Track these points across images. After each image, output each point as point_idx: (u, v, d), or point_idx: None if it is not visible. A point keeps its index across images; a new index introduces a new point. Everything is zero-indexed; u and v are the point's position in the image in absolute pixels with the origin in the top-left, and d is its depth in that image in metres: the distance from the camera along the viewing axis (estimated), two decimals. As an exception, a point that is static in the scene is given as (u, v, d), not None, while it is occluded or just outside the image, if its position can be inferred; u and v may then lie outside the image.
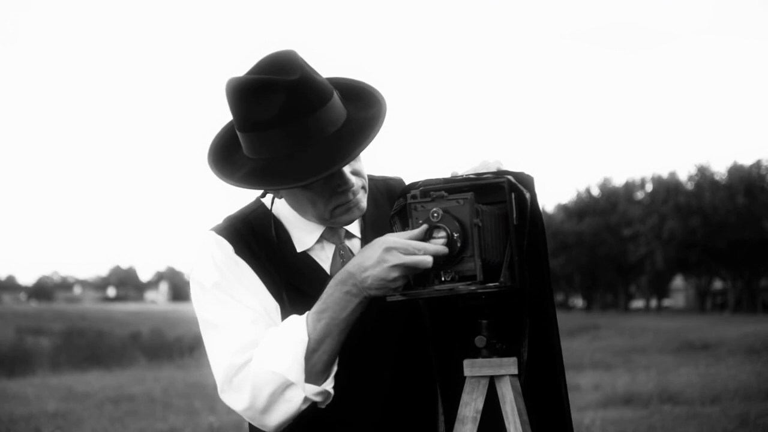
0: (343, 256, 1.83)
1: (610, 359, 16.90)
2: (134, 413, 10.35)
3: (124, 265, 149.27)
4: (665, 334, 25.06)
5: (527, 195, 1.68)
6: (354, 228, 1.87)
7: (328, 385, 1.68)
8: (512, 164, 1.71)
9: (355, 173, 1.76)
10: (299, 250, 1.82)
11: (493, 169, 1.71)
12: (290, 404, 1.65)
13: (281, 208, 1.84)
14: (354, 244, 1.87)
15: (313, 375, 1.65)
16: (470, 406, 1.69)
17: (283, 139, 1.67)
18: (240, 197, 1.91)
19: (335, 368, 1.70)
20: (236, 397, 1.70)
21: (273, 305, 1.77)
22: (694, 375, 12.77)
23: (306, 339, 1.64)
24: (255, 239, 1.80)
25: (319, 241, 1.83)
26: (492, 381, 1.69)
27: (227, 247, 1.78)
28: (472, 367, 1.69)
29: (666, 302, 66.53)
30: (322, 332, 1.64)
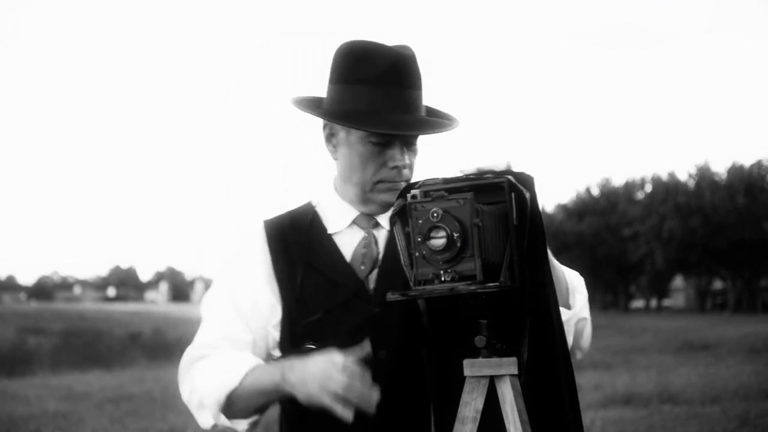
0: (366, 246, 1.91)
1: (610, 359, 16.90)
2: (134, 413, 10.35)
3: (124, 265, 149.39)
4: (665, 334, 25.07)
5: (527, 195, 1.68)
6: (385, 220, 1.92)
7: (240, 426, 1.83)
8: (512, 164, 1.71)
9: (410, 166, 1.87)
10: (329, 231, 1.93)
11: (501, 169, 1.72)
12: (204, 421, 1.82)
13: (326, 195, 1.99)
14: (381, 234, 1.93)
15: (231, 412, 1.80)
16: (470, 406, 1.69)
17: (376, 96, 1.82)
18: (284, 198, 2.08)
19: (255, 418, 1.84)
20: (182, 387, 1.88)
21: (266, 302, 1.89)
22: (694, 375, 12.77)
23: (235, 384, 1.77)
24: (291, 225, 1.95)
25: (350, 225, 1.93)
26: (492, 381, 1.69)
27: (255, 236, 1.95)
28: (472, 367, 1.69)
29: (666, 302, 66.55)
30: (248, 389, 1.77)
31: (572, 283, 1.93)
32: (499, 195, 1.67)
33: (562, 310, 1.83)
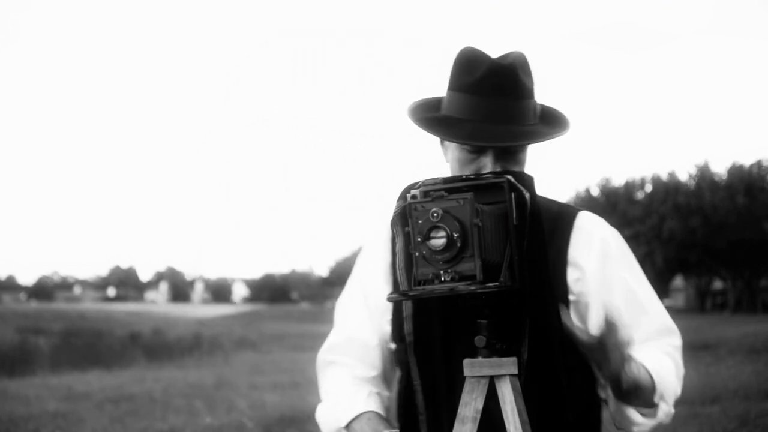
0: None
1: (610, 359, 16.85)
2: (134, 413, 10.35)
3: (124, 265, 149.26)
4: (665, 334, 25.00)
5: (527, 195, 1.68)
6: None
7: None
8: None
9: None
10: None
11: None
12: None
13: None
14: None
15: None
16: (470, 406, 1.69)
17: (470, 104, 1.85)
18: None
19: None
20: (319, 389, 2.10)
21: (381, 288, 1.99)
22: (694, 375, 12.76)
23: (341, 426, 1.94)
24: None
25: None
26: (492, 381, 1.69)
27: (381, 234, 2.04)
28: (472, 367, 1.70)
29: (666, 302, 66.36)
30: None
31: (661, 384, 1.86)
32: (499, 195, 1.67)
33: (634, 413, 1.84)
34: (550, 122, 1.91)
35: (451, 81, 1.90)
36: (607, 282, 1.89)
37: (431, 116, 1.91)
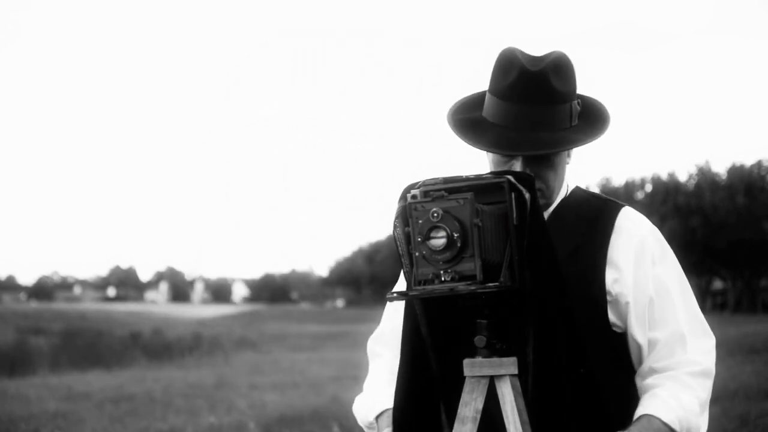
0: None
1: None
2: (134, 413, 10.35)
3: (124, 265, 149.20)
4: (665, 334, 24.99)
5: (527, 195, 1.67)
6: None
7: None
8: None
9: (537, 176, 1.84)
10: None
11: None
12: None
13: None
14: None
15: None
16: (470, 406, 1.69)
17: (497, 109, 1.88)
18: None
19: None
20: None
21: None
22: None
23: (370, 420, 2.02)
24: None
25: None
26: (492, 381, 1.69)
27: None
28: (472, 367, 1.69)
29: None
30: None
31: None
32: (499, 195, 1.67)
33: None
34: (591, 122, 1.92)
35: (489, 83, 1.92)
36: (640, 283, 1.90)
37: (466, 117, 1.93)
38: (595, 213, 1.95)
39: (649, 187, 55.60)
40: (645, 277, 1.90)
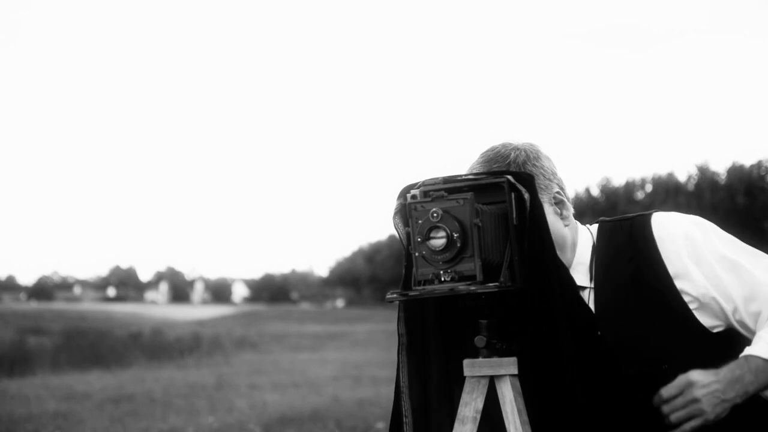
0: None
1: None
2: (134, 413, 10.33)
3: (124, 265, 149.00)
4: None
5: (527, 195, 1.67)
6: (583, 280, 2.00)
7: None
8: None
9: None
10: None
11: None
12: None
13: None
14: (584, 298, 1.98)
15: None
16: (470, 406, 1.69)
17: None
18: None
19: None
20: None
21: None
22: (694, 375, 12.71)
23: None
24: None
25: None
26: (492, 381, 1.69)
27: None
28: (472, 367, 1.69)
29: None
30: None
31: None
32: (499, 195, 1.67)
33: None
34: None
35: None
36: (712, 273, 1.91)
37: None
38: (631, 235, 1.97)
39: (649, 187, 55.53)
40: (712, 266, 1.91)
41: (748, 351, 1.85)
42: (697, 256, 1.93)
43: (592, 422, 1.78)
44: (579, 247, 2.00)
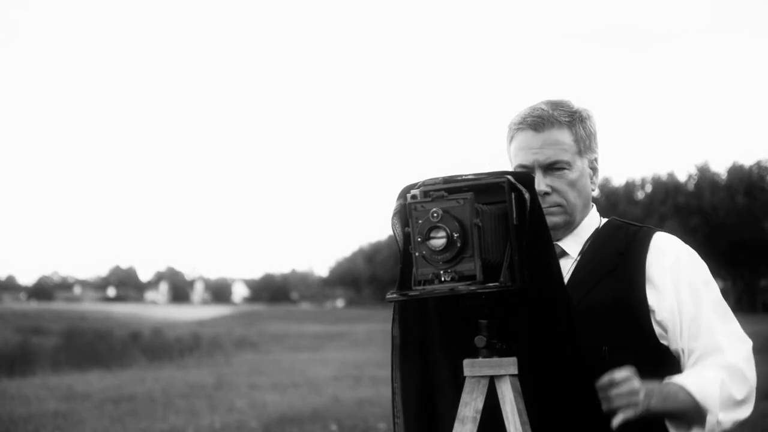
0: None
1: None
2: (134, 413, 10.34)
3: (124, 265, 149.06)
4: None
5: (527, 195, 1.67)
6: (569, 246, 2.07)
7: None
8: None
9: (557, 190, 2.03)
10: None
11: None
12: None
13: None
14: (563, 264, 2.02)
15: None
16: (470, 406, 1.69)
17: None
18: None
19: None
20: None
21: None
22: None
23: None
24: None
25: None
26: (492, 381, 1.69)
27: None
28: (472, 367, 1.69)
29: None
30: None
31: (705, 403, 1.90)
32: (499, 195, 1.67)
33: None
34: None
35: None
36: (678, 298, 2.00)
37: None
38: (632, 236, 2.06)
39: (649, 187, 55.57)
40: (684, 291, 2.00)
41: (673, 378, 1.91)
42: (677, 276, 2.01)
43: (592, 422, 1.78)
44: (586, 220, 2.10)
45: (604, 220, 2.15)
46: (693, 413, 1.88)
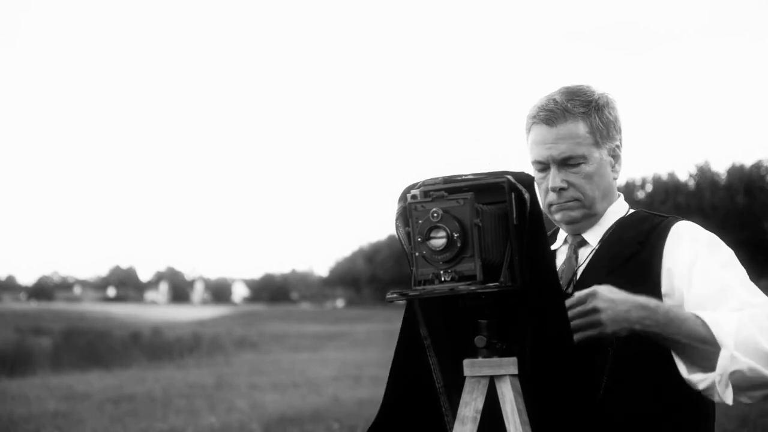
0: (566, 263, 2.10)
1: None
2: (134, 413, 10.33)
3: (124, 265, 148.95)
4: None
5: (527, 195, 1.67)
6: (591, 237, 2.07)
7: None
8: (512, 164, 1.72)
9: (573, 184, 2.03)
10: (552, 248, 2.16)
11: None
12: None
13: None
14: (584, 252, 2.07)
15: None
16: (470, 406, 1.69)
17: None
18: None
19: None
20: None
21: None
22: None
23: None
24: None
25: (563, 243, 2.17)
26: (492, 381, 1.69)
27: None
28: (472, 367, 1.69)
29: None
30: None
31: (719, 335, 1.78)
32: (499, 195, 1.67)
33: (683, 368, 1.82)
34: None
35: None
36: (694, 275, 1.93)
37: None
38: (654, 227, 2.03)
39: (649, 187, 55.54)
40: (696, 271, 1.94)
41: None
42: (692, 257, 1.95)
43: (591, 422, 1.78)
44: (610, 209, 2.08)
45: (631, 210, 2.12)
46: (703, 346, 1.77)
